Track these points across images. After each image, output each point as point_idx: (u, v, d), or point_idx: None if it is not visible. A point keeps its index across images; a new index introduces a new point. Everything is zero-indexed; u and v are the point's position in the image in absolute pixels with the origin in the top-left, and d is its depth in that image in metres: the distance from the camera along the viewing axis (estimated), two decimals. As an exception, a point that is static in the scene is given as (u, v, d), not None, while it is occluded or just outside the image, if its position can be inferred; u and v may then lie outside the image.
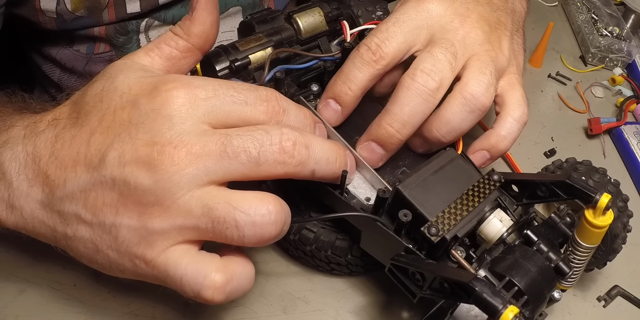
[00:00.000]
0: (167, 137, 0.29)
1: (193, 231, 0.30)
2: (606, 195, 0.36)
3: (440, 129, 0.41)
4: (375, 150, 0.41)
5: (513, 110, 0.43)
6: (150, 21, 0.60)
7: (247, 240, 0.29)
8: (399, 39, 0.41)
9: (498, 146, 0.43)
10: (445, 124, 0.41)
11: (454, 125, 0.41)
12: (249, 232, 0.29)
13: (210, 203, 0.29)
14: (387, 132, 0.40)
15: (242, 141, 0.29)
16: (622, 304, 0.50)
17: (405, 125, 0.39)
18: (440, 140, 0.42)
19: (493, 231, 0.38)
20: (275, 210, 0.30)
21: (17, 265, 0.45)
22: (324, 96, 0.43)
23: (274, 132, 0.30)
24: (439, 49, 0.40)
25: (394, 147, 0.41)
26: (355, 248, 0.43)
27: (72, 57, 0.63)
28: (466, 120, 0.41)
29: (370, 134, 0.41)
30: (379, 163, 0.42)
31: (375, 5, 0.52)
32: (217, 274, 0.30)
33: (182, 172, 0.28)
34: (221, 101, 0.31)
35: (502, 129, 0.43)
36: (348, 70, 0.41)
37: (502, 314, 0.29)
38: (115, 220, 0.30)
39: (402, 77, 0.40)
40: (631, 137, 0.63)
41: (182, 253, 0.30)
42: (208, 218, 0.29)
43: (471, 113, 0.41)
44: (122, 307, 0.43)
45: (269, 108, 0.32)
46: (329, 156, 0.32)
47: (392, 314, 0.45)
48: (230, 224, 0.29)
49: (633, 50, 0.73)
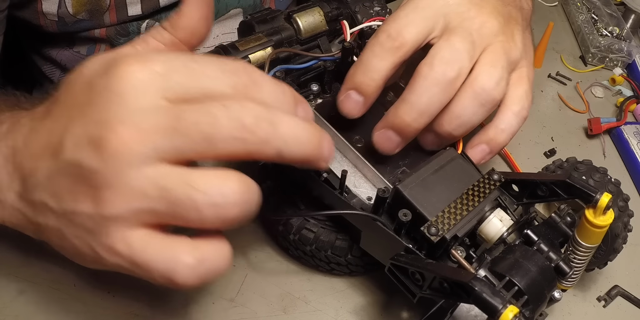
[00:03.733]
0: (118, 115, 0.27)
1: (151, 215, 0.27)
2: (607, 194, 0.36)
3: (450, 123, 0.40)
4: (391, 138, 0.41)
5: (513, 104, 0.43)
6: (152, 22, 0.60)
7: (208, 223, 0.27)
8: (419, 25, 0.40)
9: (497, 139, 0.43)
10: (456, 118, 0.40)
11: (464, 119, 0.40)
12: (210, 213, 0.27)
13: (166, 184, 0.26)
14: (403, 121, 0.39)
15: (195, 116, 0.26)
16: (622, 304, 0.50)
17: (422, 114, 0.39)
18: (451, 134, 0.41)
19: (493, 231, 0.38)
20: (239, 190, 0.27)
21: (17, 265, 0.44)
22: (344, 88, 0.41)
23: (233, 107, 0.27)
24: (457, 37, 0.40)
25: (410, 135, 0.41)
26: (355, 248, 0.43)
27: (72, 58, 0.63)
28: (477, 114, 0.41)
29: (387, 122, 0.41)
30: (394, 150, 0.42)
31: (372, 1, 0.52)
32: (187, 256, 0.28)
33: (130, 151, 0.26)
34: (180, 75, 0.28)
35: (501, 123, 0.43)
36: (368, 60, 0.40)
37: (501, 313, 0.29)
38: (75, 207, 0.29)
39: (419, 66, 0.40)
40: (631, 137, 0.63)
41: (145, 238, 0.28)
42: (165, 200, 0.26)
43: (482, 107, 0.40)
44: (122, 307, 0.43)
45: (237, 81, 0.29)
46: (299, 136, 0.28)
47: (392, 314, 0.45)
48: (189, 206, 0.26)
49: (633, 50, 0.73)
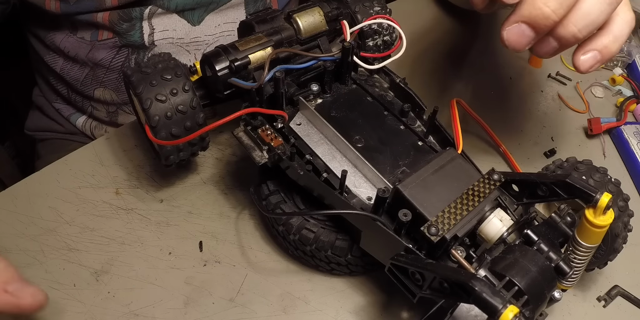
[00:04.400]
0: None
1: None
2: (607, 194, 0.36)
3: (577, 22, 0.37)
4: (525, 33, 0.38)
5: (624, 12, 0.40)
6: (154, 8, 0.61)
7: None
8: None
9: (610, 47, 0.40)
10: (584, 17, 0.37)
11: (592, 18, 0.37)
12: None
13: None
14: (543, 13, 0.36)
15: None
16: (622, 304, 0.50)
17: (562, 4, 0.36)
18: (575, 36, 0.38)
19: (493, 231, 0.38)
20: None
21: (17, 265, 0.44)
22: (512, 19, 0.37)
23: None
24: None
25: (546, 30, 0.38)
26: (355, 248, 0.43)
27: (76, 45, 0.64)
28: (604, 13, 0.38)
29: (521, 15, 0.37)
30: (525, 47, 0.39)
31: (372, 1, 0.52)
32: None
33: None
34: None
35: (616, 29, 0.40)
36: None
37: (502, 313, 0.29)
38: None
39: None
40: (631, 137, 0.63)
41: None
42: None
43: (610, 5, 0.38)
44: (122, 307, 0.43)
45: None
46: None
47: (392, 314, 0.45)
48: None
49: (633, 50, 0.73)
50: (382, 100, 0.48)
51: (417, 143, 0.46)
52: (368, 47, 0.53)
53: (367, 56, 0.50)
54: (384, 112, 0.48)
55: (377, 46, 0.53)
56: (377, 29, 0.52)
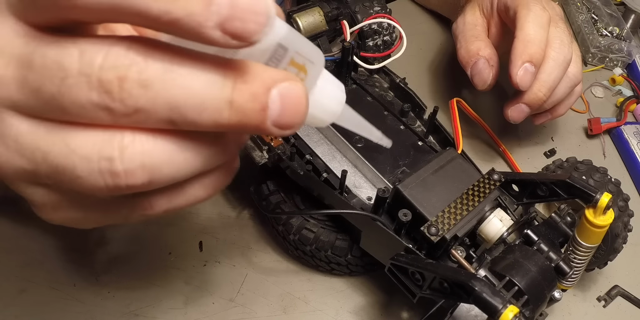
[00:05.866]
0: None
1: (36, 178, 0.22)
2: (607, 194, 0.36)
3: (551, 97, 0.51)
4: (524, 110, 0.51)
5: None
6: None
7: (101, 194, 0.21)
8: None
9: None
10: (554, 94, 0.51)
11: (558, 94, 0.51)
12: (97, 183, 0.20)
13: (43, 144, 0.20)
14: (537, 97, 0.49)
15: (42, 69, 0.19)
16: (622, 304, 0.50)
17: (550, 89, 0.49)
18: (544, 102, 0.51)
19: (493, 231, 0.38)
20: (132, 150, 0.19)
21: (17, 265, 0.44)
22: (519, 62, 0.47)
23: (91, 53, 0.18)
24: (562, 24, 0.51)
25: (538, 107, 0.51)
26: (355, 248, 0.43)
27: None
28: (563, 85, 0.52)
29: (523, 99, 0.50)
30: (523, 119, 0.52)
31: (372, 1, 0.52)
32: None
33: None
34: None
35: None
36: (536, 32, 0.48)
37: (501, 313, 0.29)
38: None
39: (547, 50, 0.48)
40: (631, 137, 0.63)
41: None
42: (45, 166, 0.20)
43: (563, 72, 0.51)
44: (122, 307, 0.43)
45: None
46: (207, 95, 0.18)
47: (392, 314, 0.45)
48: (72, 174, 0.20)
49: (633, 50, 0.73)
50: (382, 100, 0.48)
51: (417, 143, 0.46)
52: (368, 47, 0.53)
53: (367, 56, 0.50)
54: (384, 112, 0.48)
55: (377, 46, 0.53)
56: (377, 29, 0.52)
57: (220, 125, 0.19)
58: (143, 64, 0.18)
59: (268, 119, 0.19)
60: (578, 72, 0.52)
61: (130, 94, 0.18)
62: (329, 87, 0.23)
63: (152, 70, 0.18)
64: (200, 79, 0.18)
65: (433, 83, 0.67)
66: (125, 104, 0.18)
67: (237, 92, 0.18)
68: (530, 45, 0.47)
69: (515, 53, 0.48)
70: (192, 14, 0.16)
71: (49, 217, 0.23)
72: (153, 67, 0.18)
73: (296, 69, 0.20)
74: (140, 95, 0.18)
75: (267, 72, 0.19)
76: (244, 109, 0.19)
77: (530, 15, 0.48)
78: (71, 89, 0.18)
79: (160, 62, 0.18)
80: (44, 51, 0.19)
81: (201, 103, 0.18)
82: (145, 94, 0.18)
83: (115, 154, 0.19)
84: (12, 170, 0.21)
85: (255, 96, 0.18)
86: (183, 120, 0.18)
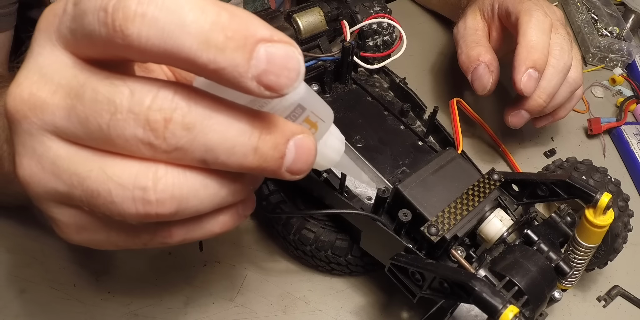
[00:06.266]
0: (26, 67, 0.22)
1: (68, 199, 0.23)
2: (607, 194, 0.36)
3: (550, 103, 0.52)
4: (524, 116, 0.52)
5: None
6: None
7: (130, 219, 0.22)
8: None
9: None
10: (554, 100, 0.52)
11: (559, 99, 0.53)
12: (129, 210, 0.21)
13: (80, 169, 0.22)
14: (537, 103, 0.50)
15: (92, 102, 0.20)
16: (622, 304, 0.50)
17: (549, 96, 0.50)
18: (544, 107, 0.51)
19: (493, 231, 0.38)
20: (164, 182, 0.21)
21: (17, 265, 0.44)
22: (524, 68, 0.47)
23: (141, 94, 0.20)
24: (562, 30, 0.51)
25: (538, 113, 0.52)
26: (355, 248, 0.43)
27: None
28: (562, 91, 0.53)
29: (522, 105, 0.51)
30: (523, 124, 0.53)
31: (372, 1, 0.52)
32: None
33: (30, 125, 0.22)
34: None
35: None
36: (539, 38, 0.48)
37: (501, 313, 0.29)
38: None
39: (548, 58, 0.49)
40: (631, 137, 0.63)
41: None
42: (80, 189, 0.22)
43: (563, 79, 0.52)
44: (122, 307, 0.43)
45: None
46: (238, 142, 0.21)
47: (392, 314, 0.45)
48: (106, 200, 0.21)
49: (633, 50, 0.73)
50: (382, 100, 0.48)
51: (417, 143, 0.46)
52: (368, 47, 0.53)
53: (367, 56, 0.50)
54: (384, 112, 0.48)
55: (377, 46, 0.53)
56: (377, 29, 0.52)
57: (244, 167, 0.21)
58: (187, 109, 0.20)
59: (284, 165, 0.22)
60: (578, 77, 0.52)
61: (174, 134, 0.20)
62: (332, 140, 0.28)
63: (194, 116, 0.20)
64: (234, 127, 0.20)
65: (433, 83, 0.67)
66: (167, 142, 0.20)
67: (262, 141, 0.21)
68: (534, 51, 0.48)
69: (518, 59, 0.48)
70: (235, 66, 0.18)
71: (70, 238, 0.25)
72: (195, 112, 0.20)
73: (309, 125, 0.24)
74: (182, 136, 0.20)
75: (287, 125, 0.22)
76: (266, 156, 0.21)
77: (533, 21, 0.49)
78: (119, 123, 0.20)
79: (202, 109, 0.20)
80: (95, 86, 0.20)
81: (232, 147, 0.21)
82: (186, 136, 0.20)
83: (149, 184, 0.21)
84: (44, 191, 0.23)
85: (277, 146, 0.21)
86: (214, 160, 0.21)
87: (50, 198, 0.23)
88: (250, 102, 0.22)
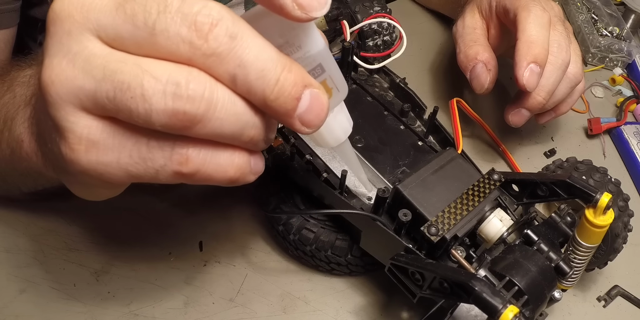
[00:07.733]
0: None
1: (91, 100, 0.23)
2: (607, 194, 0.36)
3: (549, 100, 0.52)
4: (524, 115, 0.52)
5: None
6: None
7: (156, 118, 0.22)
8: None
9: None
10: (554, 97, 0.52)
11: (559, 96, 0.53)
12: (158, 104, 0.21)
13: (113, 64, 0.22)
14: (537, 101, 0.50)
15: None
16: (622, 304, 0.50)
17: (549, 93, 0.50)
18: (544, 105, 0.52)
19: (493, 231, 0.38)
20: (198, 81, 0.22)
21: (17, 265, 0.44)
22: (525, 63, 0.47)
23: (192, 1, 0.22)
24: (560, 26, 0.51)
25: (538, 110, 0.52)
26: (355, 248, 0.43)
27: None
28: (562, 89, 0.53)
29: (522, 103, 0.51)
30: (524, 123, 0.53)
31: (372, 1, 0.52)
32: None
33: (72, 24, 0.22)
34: None
35: None
36: (539, 33, 0.48)
37: (501, 313, 0.29)
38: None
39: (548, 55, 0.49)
40: (631, 137, 0.63)
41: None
42: (109, 83, 0.22)
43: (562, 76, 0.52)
44: (122, 307, 0.43)
45: None
46: (266, 67, 0.22)
47: (392, 314, 0.45)
48: (135, 92, 0.22)
49: (633, 50, 0.73)
50: (382, 100, 0.48)
51: (417, 143, 0.46)
52: (368, 47, 0.53)
53: (367, 56, 0.50)
54: (384, 112, 0.48)
55: (377, 46, 0.53)
56: (377, 29, 0.52)
57: (265, 96, 0.23)
58: (231, 22, 0.22)
59: (298, 110, 0.23)
60: (578, 72, 0.52)
61: (216, 38, 0.22)
62: (341, 117, 0.28)
63: (237, 28, 0.22)
64: (266, 53, 0.22)
65: (433, 83, 0.67)
66: (209, 44, 0.22)
67: (284, 75, 0.22)
68: (534, 46, 0.48)
69: (519, 55, 0.48)
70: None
71: (77, 158, 0.24)
72: (238, 27, 0.22)
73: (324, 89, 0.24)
74: (223, 42, 0.22)
75: (307, 75, 0.24)
76: (284, 91, 0.23)
77: (531, 17, 0.49)
78: (166, 20, 0.21)
79: (244, 27, 0.22)
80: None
81: (261, 70, 0.22)
82: (227, 43, 0.22)
83: (183, 81, 0.22)
84: (67, 90, 0.23)
85: (295, 85, 0.23)
86: (243, 78, 0.22)
87: (71, 100, 0.23)
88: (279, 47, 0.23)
